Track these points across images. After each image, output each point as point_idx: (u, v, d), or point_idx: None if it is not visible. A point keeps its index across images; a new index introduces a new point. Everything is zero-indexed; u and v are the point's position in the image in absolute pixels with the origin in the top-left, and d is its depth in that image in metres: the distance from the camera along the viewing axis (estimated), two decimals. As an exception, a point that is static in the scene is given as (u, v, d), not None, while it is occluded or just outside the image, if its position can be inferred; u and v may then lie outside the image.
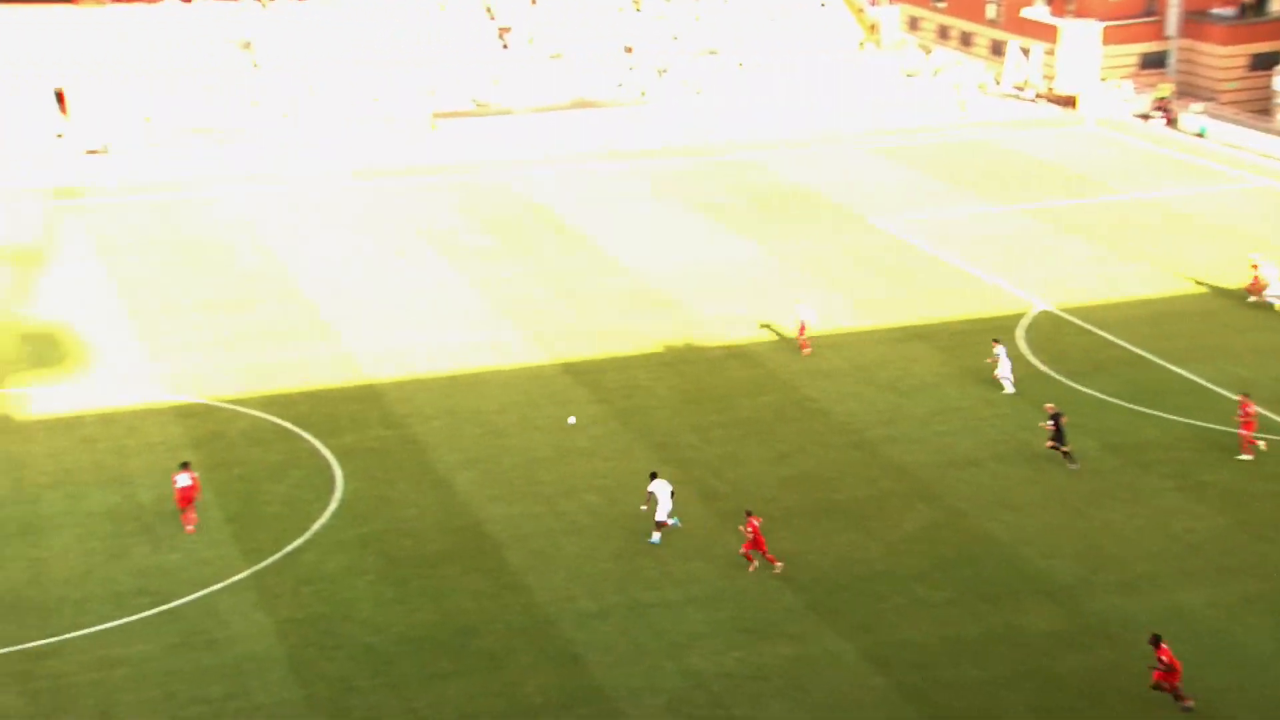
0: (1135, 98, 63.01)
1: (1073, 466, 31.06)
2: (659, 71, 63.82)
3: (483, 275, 43.39)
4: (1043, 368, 36.59)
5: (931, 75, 66.79)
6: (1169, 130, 60.98)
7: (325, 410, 34.12)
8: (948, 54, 69.12)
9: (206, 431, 32.92)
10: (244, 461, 31.53)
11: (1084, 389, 35.05)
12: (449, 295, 41.73)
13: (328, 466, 31.38)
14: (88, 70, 57.22)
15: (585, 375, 36.43)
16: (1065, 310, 40.58)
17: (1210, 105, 62.28)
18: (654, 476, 28.70)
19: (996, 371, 34.83)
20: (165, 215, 48.97)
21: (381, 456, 31.89)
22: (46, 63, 56.95)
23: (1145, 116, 62.34)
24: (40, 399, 34.33)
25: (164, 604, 26.14)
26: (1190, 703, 23.55)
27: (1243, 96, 63.85)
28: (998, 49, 70.63)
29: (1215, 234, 47.40)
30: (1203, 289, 42.26)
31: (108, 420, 33.33)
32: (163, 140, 55.35)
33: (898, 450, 32.43)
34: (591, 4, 66.15)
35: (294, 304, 40.89)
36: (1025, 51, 68.13)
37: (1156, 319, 39.06)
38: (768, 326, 39.15)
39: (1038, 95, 66.62)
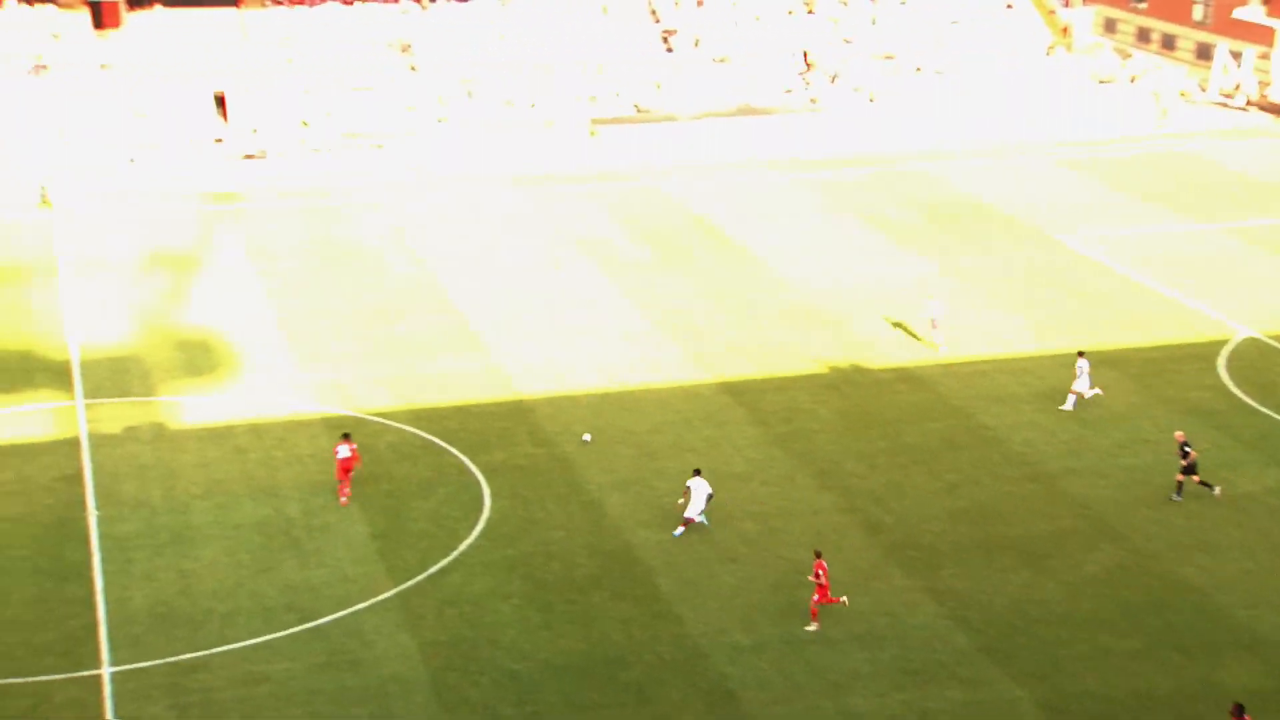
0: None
1: (1176, 498, 30.48)
2: (830, 77, 63.40)
3: (640, 288, 43.69)
4: (1247, 400, 35.03)
5: (1128, 81, 64.80)
6: None
7: (474, 425, 34.76)
8: (1147, 58, 66.95)
9: (355, 444, 33.78)
10: (391, 477, 32.33)
11: (1294, 425, 33.45)
12: (604, 308, 42.11)
13: (475, 484, 31.95)
14: (248, 74, 59.73)
15: (744, 395, 36.35)
16: (1273, 338, 38.78)
17: None
18: (697, 473, 29.66)
19: (1075, 385, 34.59)
20: (319, 221, 50.67)
21: (530, 475, 32.34)
22: (207, 66, 59.62)
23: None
24: (192, 408, 35.82)
25: (309, 621, 26.94)
26: None
27: None
28: (1204, 53, 68.23)
29: None
30: None
31: (258, 431, 34.58)
32: (320, 145, 57.33)
33: (1081, 484, 31.45)
34: (761, 6, 66.14)
35: (445, 314, 41.78)
36: (1236, 55, 65.61)
37: None
38: (905, 328, 38.37)
39: (1248, 103, 64.05)
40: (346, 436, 31.11)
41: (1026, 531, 29.70)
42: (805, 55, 64.09)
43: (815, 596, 26.41)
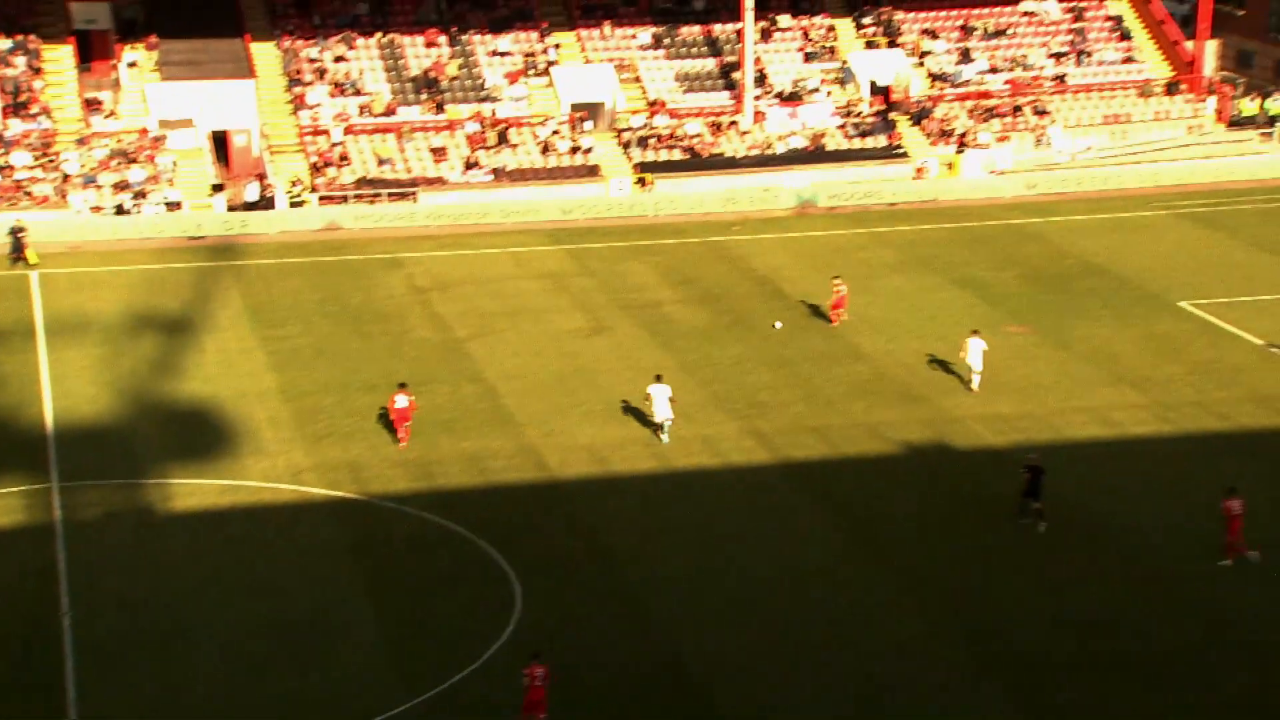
0: None
1: (1025, 520, 33.40)
2: (915, 116, 64.03)
3: (695, 356, 44.01)
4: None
5: (1262, 123, 64.80)
6: None
7: (504, 513, 34.98)
8: (1284, 96, 66.92)
9: (366, 535, 34.17)
10: (409, 572, 32.55)
11: None
12: (649, 381, 42.44)
13: (505, 581, 32.10)
14: (254, 113, 61.05)
15: (813, 481, 36.40)
16: None
17: None
18: (658, 379, 37.64)
19: (970, 359, 40.15)
20: (330, 279, 51.46)
21: (568, 571, 32.45)
22: (207, 103, 61.00)
23: None
24: (182, 491, 36.26)
25: (311, 734, 27.02)
26: None
27: None
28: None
29: None
30: None
31: (257, 518, 34.95)
32: (333, 192, 58.37)
33: (1211, 590, 31.10)
34: (838, 36, 66.97)
35: (473, 385, 42.21)
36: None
37: None
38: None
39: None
40: (403, 386, 38.33)
41: (1148, 645, 29.40)
42: (889, 93, 64.78)
43: None
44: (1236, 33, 74.99)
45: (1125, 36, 67.83)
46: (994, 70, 66.00)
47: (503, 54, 64.80)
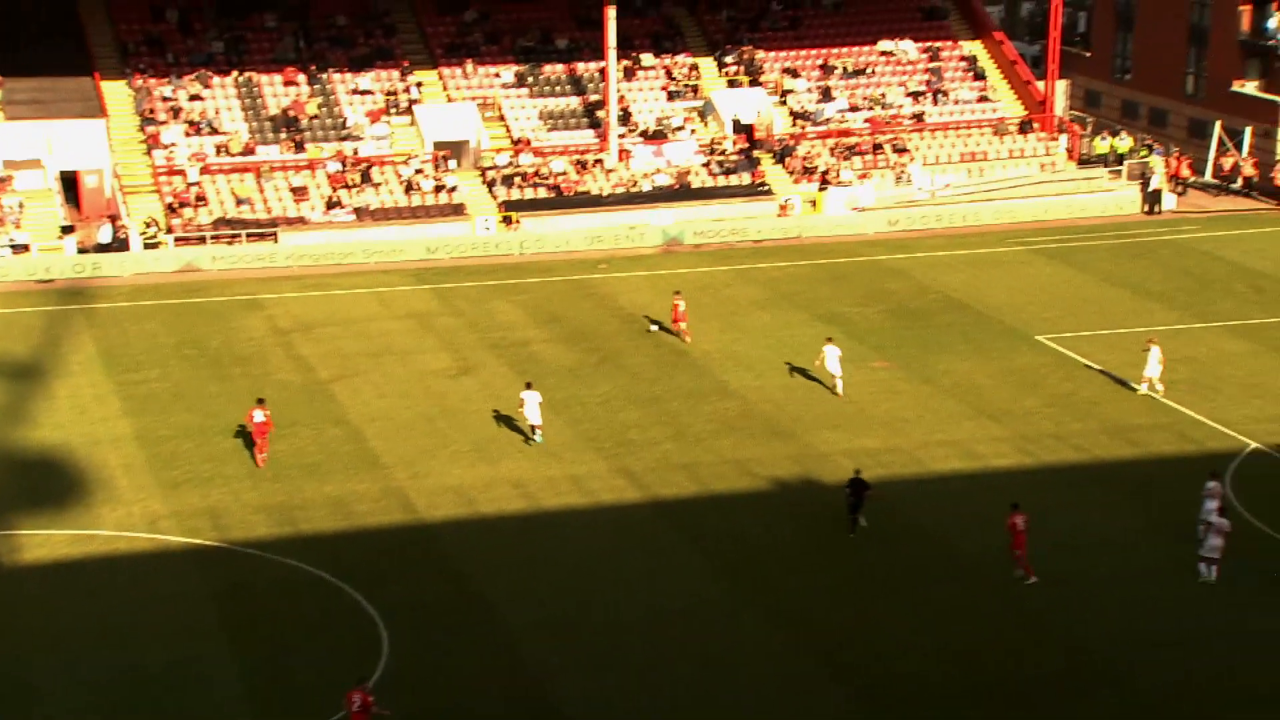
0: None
1: (851, 534, 35.39)
2: (778, 154, 64.91)
3: (563, 394, 43.93)
4: (1261, 526, 35.69)
5: (1112, 161, 66.89)
6: None
7: (370, 558, 34.51)
8: (1133, 136, 69.18)
9: (227, 583, 33.47)
10: (272, 620, 31.93)
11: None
12: (522, 419, 42.40)
13: (372, 626, 31.64)
14: (106, 152, 59.82)
15: (684, 519, 36.47)
16: (1284, 449, 39.88)
17: None
18: (529, 385, 40.16)
19: (828, 366, 43.24)
20: (187, 321, 50.50)
21: (437, 615, 32.08)
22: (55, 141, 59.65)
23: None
24: (33, 542, 35.20)
25: (170, 791, 26.31)
26: None
27: None
28: (1198, 130, 70.57)
29: None
30: None
31: (112, 568, 34.05)
32: (186, 232, 57.37)
33: (1069, 621, 31.75)
34: (702, 75, 67.77)
35: (337, 428, 41.72)
36: (1233, 134, 67.96)
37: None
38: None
39: (1248, 187, 66.22)
40: (261, 402, 38.77)
41: (1013, 674, 29.90)
42: (752, 131, 65.64)
43: None
44: (1084, 74, 77.67)
45: (980, 76, 69.61)
46: (854, 109, 67.26)
47: (364, 92, 64.40)
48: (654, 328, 47.33)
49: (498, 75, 66.35)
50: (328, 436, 41.11)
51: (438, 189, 60.82)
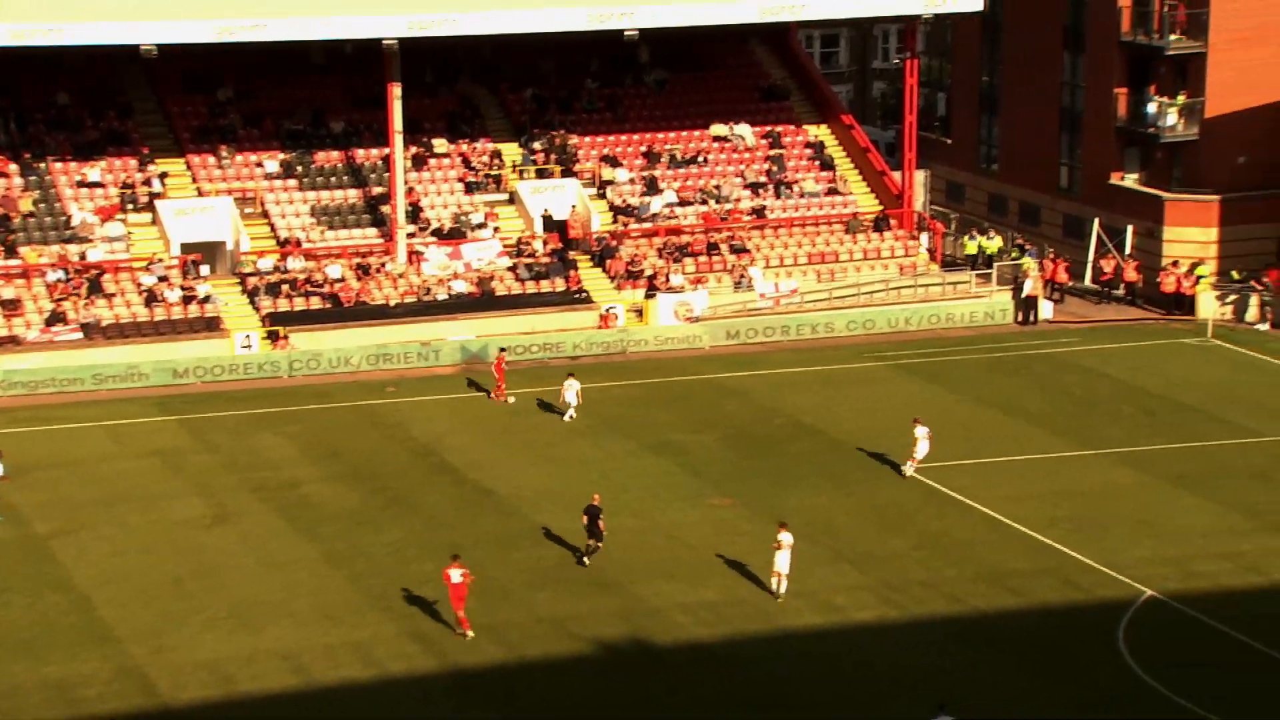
0: (1274, 298, 65.12)
1: (585, 558, 41.55)
2: (595, 254, 65.59)
3: (343, 544, 43.48)
4: (1153, 683, 36.60)
5: (980, 264, 68.93)
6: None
7: (103, 751, 33.49)
8: (1002, 235, 71.43)
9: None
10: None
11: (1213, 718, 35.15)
12: (296, 576, 41.63)
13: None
14: None
15: (492, 693, 36.16)
16: (1183, 600, 40.97)
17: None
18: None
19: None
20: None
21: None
22: None
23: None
24: None
25: None
26: None
27: None
28: (1074, 229, 73.18)
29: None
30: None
31: None
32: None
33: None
34: (504, 164, 68.41)
35: (58, 595, 40.68)
36: (1114, 233, 70.55)
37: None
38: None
39: (1132, 294, 68.65)
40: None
41: None
42: (566, 228, 66.27)
43: None
44: (946, 163, 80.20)
45: (827, 166, 71.53)
46: (685, 202, 68.55)
47: (93, 185, 63.70)
48: (391, 389, 46.84)
49: (259, 164, 66.18)
50: (46, 605, 40.04)
51: (187, 300, 60.11)
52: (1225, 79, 67.83)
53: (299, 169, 66.27)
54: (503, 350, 56.75)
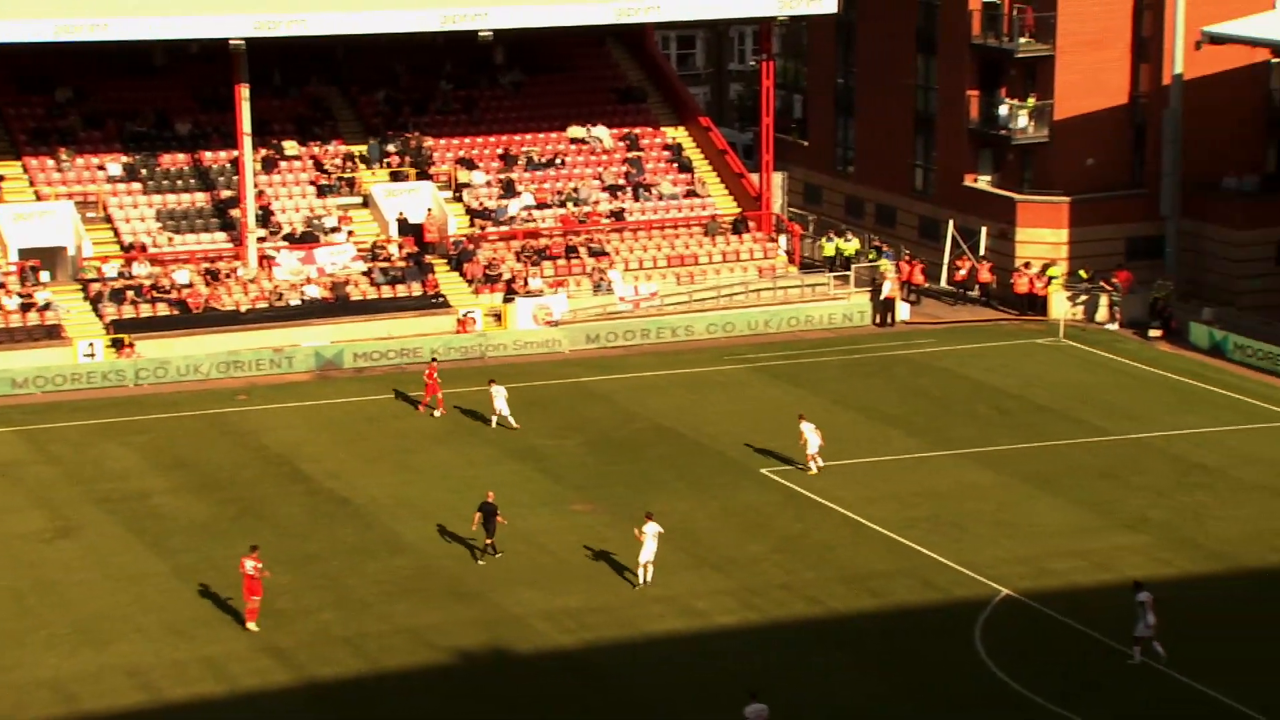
0: (1122, 299, 66.47)
1: (481, 559, 42.38)
2: (451, 259, 65.30)
3: (193, 557, 42.89)
4: (1010, 682, 37.13)
5: (838, 266, 69.63)
6: (1170, 344, 64.10)
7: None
8: (859, 237, 72.23)
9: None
10: None
11: (1069, 715, 35.65)
12: (146, 591, 41.08)
13: None
14: None
15: (348, 705, 35.84)
16: (1037, 598, 41.57)
17: (1225, 310, 65.71)
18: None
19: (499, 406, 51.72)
20: None
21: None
22: None
23: (1138, 325, 65.62)
24: None
25: None
26: None
27: (1273, 299, 67.30)
28: (929, 230, 74.15)
29: (1242, 489, 49.45)
30: (1229, 563, 43.95)
31: None
32: None
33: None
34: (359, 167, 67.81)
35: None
36: (968, 235, 71.61)
37: (1169, 612, 40.21)
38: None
39: (986, 295, 69.76)
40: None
41: None
42: (422, 232, 65.92)
43: None
44: (803, 165, 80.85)
45: (686, 168, 71.83)
46: (542, 205, 68.43)
47: (-77, 189, 62.16)
48: (243, 397, 46.38)
49: (101, 167, 65.00)
50: (-115, 622, 38.98)
51: (25, 308, 58.88)
52: (1073, 81, 68.99)
53: (143, 172, 65.17)
54: (434, 359, 56.40)
